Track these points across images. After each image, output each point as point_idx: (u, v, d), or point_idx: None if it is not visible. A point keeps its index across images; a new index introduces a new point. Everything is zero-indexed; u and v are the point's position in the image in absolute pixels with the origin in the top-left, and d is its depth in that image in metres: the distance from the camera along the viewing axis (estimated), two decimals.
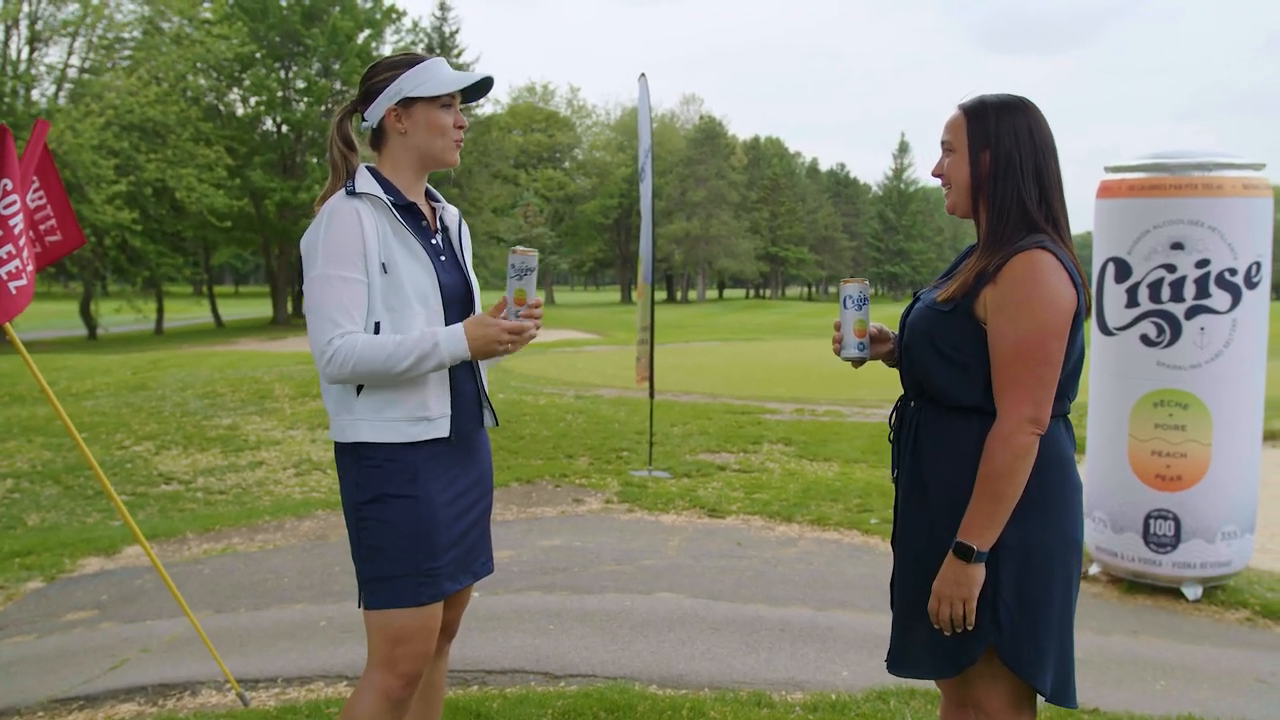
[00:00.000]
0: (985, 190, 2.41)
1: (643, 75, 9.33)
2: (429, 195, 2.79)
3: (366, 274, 2.52)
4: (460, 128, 2.69)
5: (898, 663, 2.58)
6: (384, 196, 2.59)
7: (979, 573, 2.31)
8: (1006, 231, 2.36)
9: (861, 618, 5.09)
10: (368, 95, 2.66)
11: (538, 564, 6.05)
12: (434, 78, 2.62)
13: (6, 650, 4.85)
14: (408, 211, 2.64)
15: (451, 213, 2.84)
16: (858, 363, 2.66)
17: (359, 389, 2.56)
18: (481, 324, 2.52)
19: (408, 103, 2.62)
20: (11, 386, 14.23)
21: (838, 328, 2.64)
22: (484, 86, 2.72)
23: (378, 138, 2.69)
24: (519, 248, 2.67)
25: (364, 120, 2.69)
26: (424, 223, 2.69)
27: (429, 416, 2.58)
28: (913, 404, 2.55)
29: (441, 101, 2.64)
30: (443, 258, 2.69)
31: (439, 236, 2.74)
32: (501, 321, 2.52)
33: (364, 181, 2.60)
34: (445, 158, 2.68)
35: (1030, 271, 2.28)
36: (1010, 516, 2.31)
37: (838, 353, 2.65)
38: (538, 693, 4.00)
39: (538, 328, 2.63)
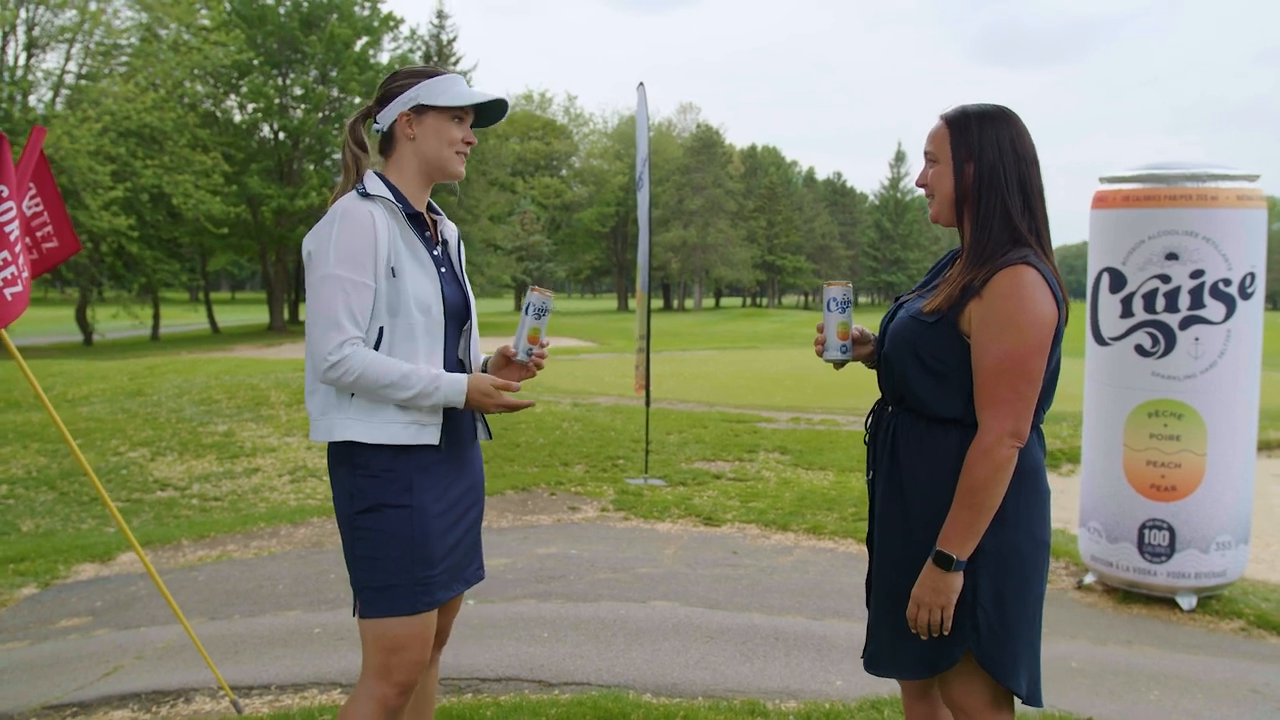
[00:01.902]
0: (969, 201, 2.43)
1: (641, 84, 9.35)
2: (429, 208, 2.80)
3: (375, 279, 2.53)
4: (468, 143, 2.72)
5: (875, 662, 2.62)
6: (395, 202, 2.60)
7: (957, 581, 2.35)
8: (990, 243, 2.38)
9: (857, 627, 5.08)
10: (384, 99, 2.68)
11: (533, 572, 6.05)
12: (450, 90, 2.65)
13: (0, 656, 4.84)
14: (415, 220, 2.66)
15: (450, 227, 2.86)
16: (839, 364, 2.70)
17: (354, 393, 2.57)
18: (484, 392, 2.58)
19: (421, 109, 2.65)
20: (7, 392, 14.21)
21: (820, 330, 2.67)
22: (497, 111, 2.75)
23: (387, 143, 2.71)
24: (538, 287, 2.70)
25: (375, 123, 2.70)
26: (428, 233, 2.71)
27: (420, 422, 2.59)
28: (890, 409, 2.58)
29: (453, 114, 2.66)
30: (443, 270, 2.70)
31: (440, 249, 2.75)
32: (506, 398, 2.60)
33: (374, 185, 2.62)
34: (450, 168, 2.70)
35: (1015, 288, 2.31)
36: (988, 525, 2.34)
37: (820, 354, 2.69)
38: (531, 700, 3.99)
39: (539, 369, 2.76)
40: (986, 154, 2.40)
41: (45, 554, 6.63)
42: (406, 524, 2.57)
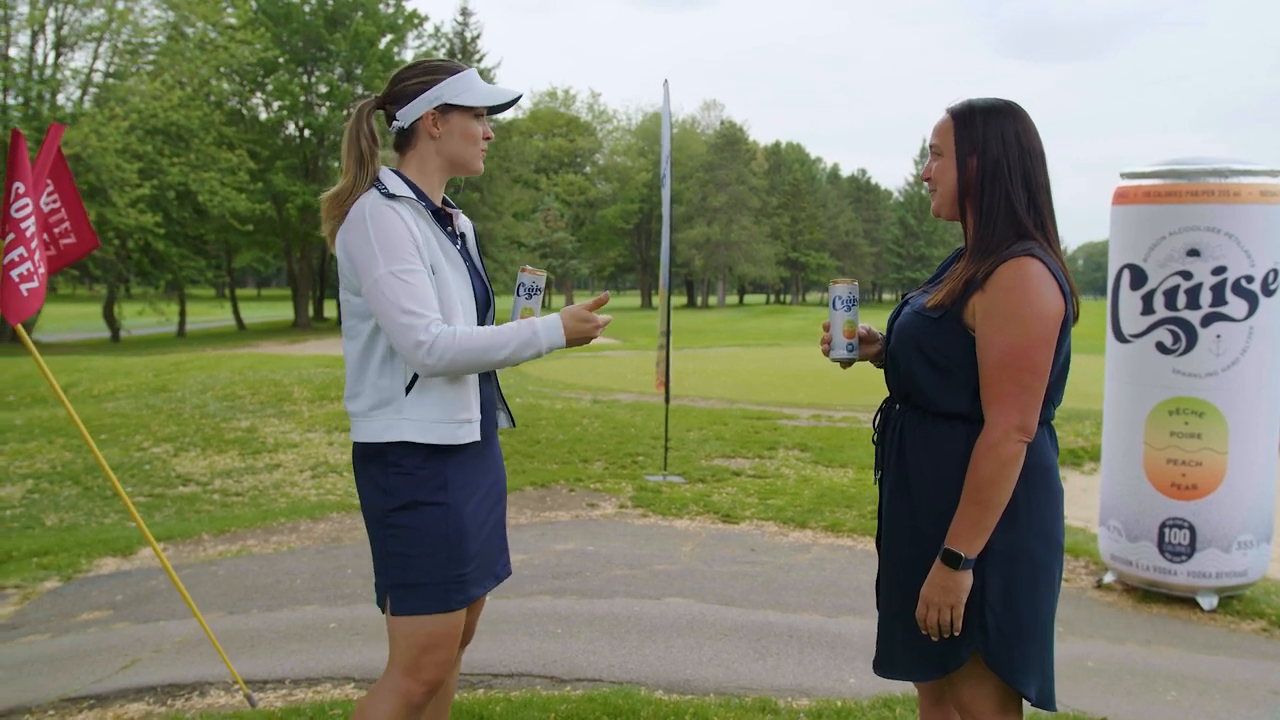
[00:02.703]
0: (972, 195, 2.41)
1: (666, 82, 9.37)
2: (445, 202, 2.78)
3: (424, 265, 2.51)
4: (487, 139, 2.71)
5: (884, 664, 2.60)
6: (419, 200, 2.58)
7: (966, 579, 2.30)
8: (994, 237, 2.36)
9: (872, 624, 5.00)
10: (401, 96, 2.63)
11: (550, 568, 6.06)
12: (474, 88, 2.64)
13: (21, 649, 4.89)
14: (438, 217, 2.64)
15: (465, 222, 2.83)
16: (846, 363, 2.67)
17: (409, 388, 2.52)
18: (579, 318, 2.55)
19: (446, 109, 2.62)
20: (34, 388, 14.38)
21: (826, 328, 2.66)
22: (506, 105, 2.74)
23: (404, 139, 2.67)
24: (529, 267, 2.69)
25: (395, 120, 2.66)
26: (449, 228, 2.69)
27: (470, 419, 2.57)
28: (898, 407, 2.56)
29: (476, 112, 2.66)
30: (466, 265, 2.68)
31: (459, 243, 2.74)
32: (597, 317, 2.57)
33: (395, 184, 2.57)
34: (474, 165, 2.70)
35: (1018, 280, 2.27)
36: (997, 522, 2.30)
37: (827, 353, 2.67)
38: (542, 696, 4.00)
39: None
40: (990, 148, 2.38)
41: (68, 548, 6.70)
42: (442, 521, 2.55)
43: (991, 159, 2.37)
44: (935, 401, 2.41)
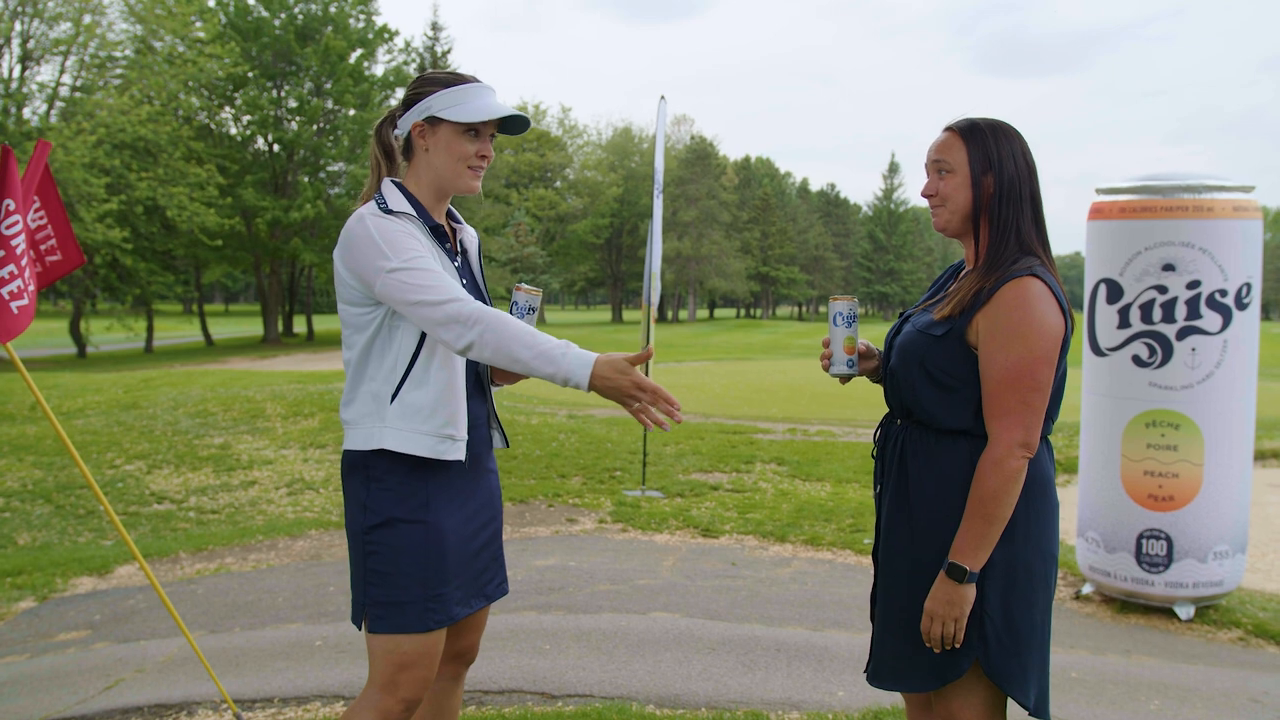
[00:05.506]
0: (988, 213, 2.45)
1: (663, 98, 9.45)
2: (450, 215, 2.75)
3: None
4: (482, 157, 2.61)
5: (881, 675, 2.61)
6: (418, 217, 2.55)
7: (971, 592, 2.35)
8: (1006, 255, 2.41)
9: (857, 638, 5.09)
10: (407, 104, 2.62)
11: (533, 584, 6.05)
12: (465, 103, 2.55)
13: None
14: (435, 233, 2.60)
15: (470, 234, 2.80)
16: (845, 379, 2.70)
17: (394, 396, 2.49)
18: (617, 368, 2.31)
19: (434, 121, 2.57)
20: (1, 405, 14.17)
21: (826, 344, 2.68)
22: (519, 124, 2.63)
23: (407, 149, 2.65)
24: (524, 285, 2.66)
25: (395, 129, 2.66)
26: (448, 245, 2.65)
27: (454, 436, 2.53)
28: (898, 422, 2.59)
29: (467, 128, 2.57)
30: (464, 281, 2.65)
31: (460, 259, 2.70)
32: (639, 376, 2.31)
33: (394, 199, 2.55)
34: (459, 184, 2.61)
35: (1021, 299, 2.33)
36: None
37: (826, 369, 2.69)
38: (535, 713, 3.99)
39: None
40: (1007, 166, 2.43)
41: (43, 567, 6.61)
42: (421, 540, 2.52)
43: (1009, 177, 2.43)
44: (938, 418, 2.45)
